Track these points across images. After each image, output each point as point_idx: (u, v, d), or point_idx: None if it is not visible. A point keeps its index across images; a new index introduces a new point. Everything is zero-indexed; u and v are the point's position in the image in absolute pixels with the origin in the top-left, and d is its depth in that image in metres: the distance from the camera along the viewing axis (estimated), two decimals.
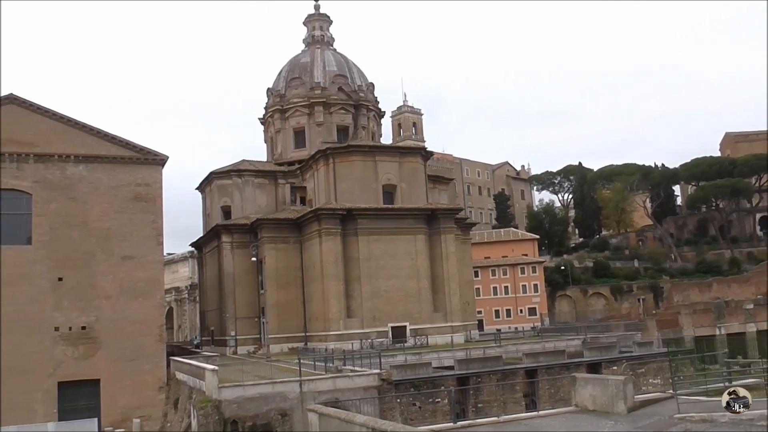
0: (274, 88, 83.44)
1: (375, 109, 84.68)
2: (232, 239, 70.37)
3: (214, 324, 75.25)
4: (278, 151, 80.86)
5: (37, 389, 52.33)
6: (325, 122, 78.60)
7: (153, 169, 58.67)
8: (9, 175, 54.29)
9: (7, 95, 55.28)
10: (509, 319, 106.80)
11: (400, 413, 36.31)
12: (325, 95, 79.34)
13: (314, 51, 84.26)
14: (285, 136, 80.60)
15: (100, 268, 55.43)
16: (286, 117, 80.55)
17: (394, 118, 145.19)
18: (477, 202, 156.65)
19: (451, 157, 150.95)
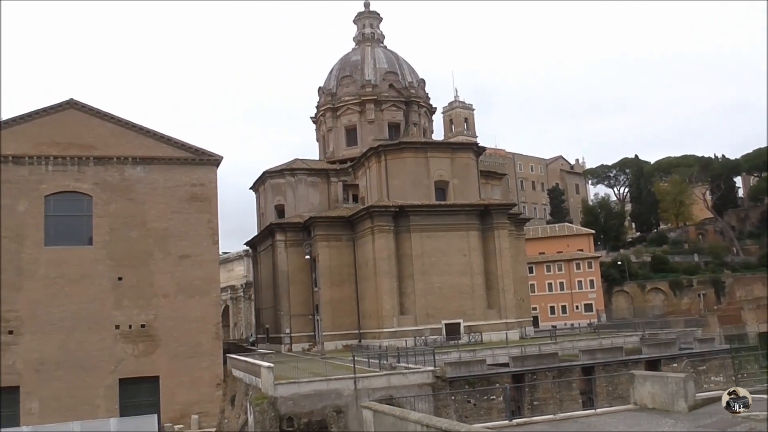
0: (326, 87, 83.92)
1: (426, 106, 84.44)
2: (286, 237, 71.02)
3: (269, 322, 76.10)
4: (330, 149, 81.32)
5: (99, 385, 53.79)
6: (377, 120, 78.72)
7: (208, 170, 59.67)
8: (70, 178, 55.88)
9: (67, 100, 56.88)
10: (565, 315, 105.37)
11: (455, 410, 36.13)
12: (376, 93, 79.44)
13: (364, 49, 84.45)
14: (337, 134, 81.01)
15: (158, 267, 56.64)
16: (337, 115, 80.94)
17: (445, 114, 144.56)
18: (531, 197, 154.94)
19: (504, 152, 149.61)
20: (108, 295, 55.38)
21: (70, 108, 56.94)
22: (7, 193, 54.23)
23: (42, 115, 56.12)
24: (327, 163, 78.82)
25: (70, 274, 54.75)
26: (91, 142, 56.78)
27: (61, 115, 56.50)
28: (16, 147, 54.75)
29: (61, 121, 56.37)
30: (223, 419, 47.72)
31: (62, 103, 56.79)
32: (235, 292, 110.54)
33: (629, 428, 21.37)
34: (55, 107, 56.47)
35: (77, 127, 56.73)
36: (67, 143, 56.07)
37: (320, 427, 32.02)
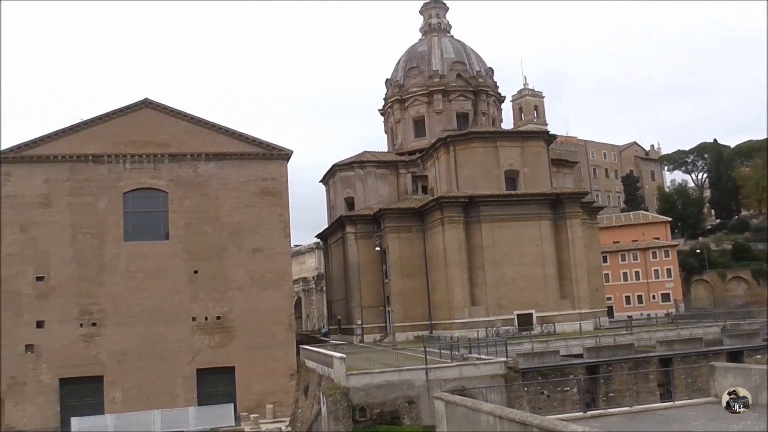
0: (393, 79, 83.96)
1: (494, 94, 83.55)
2: (356, 230, 71.51)
3: (341, 313, 76.87)
4: (398, 141, 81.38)
5: (178, 376, 55.46)
6: (445, 110, 78.32)
7: (279, 164, 60.57)
8: (147, 175, 57.63)
9: (142, 100, 58.62)
10: (641, 305, 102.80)
11: (528, 402, 35.73)
12: (443, 83, 79.03)
13: (431, 39, 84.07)
14: (405, 125, 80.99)
15: (232, 260, 57.91)
16: (405, 107, 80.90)
17: (514, 103, 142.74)
18: (604, 185, 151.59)
19: (575, 139, 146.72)
20: (185, 288, 56.98)
21: (145, 107, 58.69)
22: (88, 191, 56.36)
23: (119, 114, 58.02)
24: (395, 155, 78.91)
25: (148, 268, 56.56)
26: (165, 139, 58.41)
27: (136, 115, 58.29)
28: (95, 146, 56.80)
29: (136, 120, 58.16)
30: (297, 409, 48.47)
31: (137, 103, 58.57)
32: (307, 284, 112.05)
33: (709, 421, 20.69)
34: (131, 107, 58.29)
35: (152, 125, 58.44)
36: (143, 141, 57.83)
37: (392, 418, 32.15)
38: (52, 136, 56.67)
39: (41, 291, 54.92)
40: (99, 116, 57.75)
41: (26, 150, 56.01)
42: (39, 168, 55.97)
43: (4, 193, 55.30)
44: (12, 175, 55.58)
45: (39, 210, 55.58)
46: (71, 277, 55.36)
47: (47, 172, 56.07)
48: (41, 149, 56.17)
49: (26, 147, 56.06)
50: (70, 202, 56.13)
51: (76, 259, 55.63)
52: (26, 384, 53.78)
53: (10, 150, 55.69)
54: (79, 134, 57.09)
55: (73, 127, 57.15)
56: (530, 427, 20.23)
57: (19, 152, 55.86)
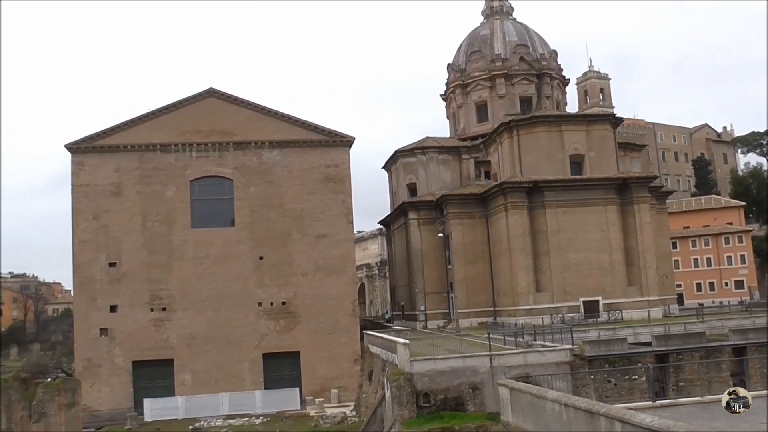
0: (455, 64, 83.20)
1: (558, 77, 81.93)
2: (419, 216, 71.32)
3: (404, 299, 76.97)
4: (461, 126, 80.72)
5: (245, 360, 56.63)
6: (507, 94, 77.22)
7: (341, 151, 60.94)
8: (213, 163, 58.78)
9: (207, 89, 59.69)
10: (713, 292, 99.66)
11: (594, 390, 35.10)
12: (506, 67, 77.89)
13: (493, 22, 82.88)
14: (467, 110, 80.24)
15: (296, 246, 58.66)
16: (467, 91, 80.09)
17: (579, 85, 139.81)
18: (673, 169, 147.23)
19: (643, 122, 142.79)
20: (250, 273, 58.02)
21: (210, 97, 59.77)
22: (156, 179, 57.83)
23: (185, 104, 59.25)
24: (458, 141, 78.27)
25: (215, 254, 57.79)
26: (230, 128, 59.40)
27: (201, 104, 59.44)
28: (162, 136, 58.17)
29: (202, 109, 59.31)
30: (361, 394, 48.83)
31: (202, 93, 59.68)
32: (370, 270, 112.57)
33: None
34: (196, 96, 59.45)
35: (217, 114, 59.50)
36: (209, 130, 58.96)
37: (456, 404, 32.03)
38: (122, 126, 58.30)
39: (114, 277, 56.75)
40: (166, 106, 59.09)
41: (98, 140, 57.78)
42: (110, 157, 57.68)
43: (78, 182, 57.23)
44: (85, 165, 57.44)
45: (110, 198, 57.33)
46: (142, 263, 57.01)
47: (118, 161, 57.75)
48: (112, 139, 57.86)
49: (97, 137, 57.83)
50: (139, 190, 57.72)
51: (146, 245, 57.24)
52: (101, 366, 55.78)
53: (83, 140, 57.53)
54: (148, 124, 58.57)
55: (141, 117, 58.67)
56: (597, 415, 19.89)
57: (91, 142, 57.66)
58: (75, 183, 57.39)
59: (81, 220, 57.06)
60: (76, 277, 57.22)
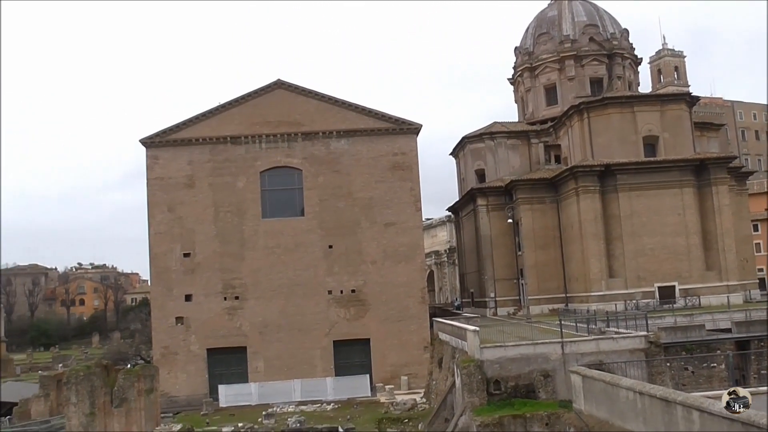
0: (522, 47, 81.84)
1: (630, 57, 79.63)
2: (488, 202, 70.64)
3: (474, 286, 76.52)
4: (529, 110, 79.46)
5: (316, 347, 57.41)
6: (577, 76, 75.51)
7: (408, 138, 60.90)
8: (282, 154, 59.58)
9: (275, 81, 60.46)
10: None
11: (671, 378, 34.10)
12: (575, 48, 76.14)
13: (561, 3, 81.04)
14: (535, 94, 78.89)
15: (365, 235, 59.01)
16: (535, 74, 78.72)
17: (652, 65, 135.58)
18: (754, 149, 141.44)
19: (721, 100, 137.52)
20: (320, 262, 58.69)
21: (278, 88, 60.54)
22: (227, 171, 59.03)
23: (253, 96, 60.18)
24: (526, 125, 77.09)
25: (285, 243, 58.68)
26: (298, 119, 60.05)
27: (270, 96, 60.27)
28: (232, 128, 59.28)
29: (270, 101, 60.14)
30: (431, 381, 48.84)
31: (271, 84, 60.48)
32: (439, 257, 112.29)
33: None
34: (265, 88, 60.29)
35: (285, 105, 60.24)
36: (277, 121, 59.76)
37: (527, 391, 31.69)
38: (193, 120, 59.63)
39: (188, 267, 58.28)
40: (235, 99, 60.14)
41: (171, 134, 59.29)
42: (183, 151, 59.12)
43: (152, 176, 58.90)
44: (159, 159, 59.06)
45: (184, 190, 58.82)
46: (215, 253, 58.36)
47: (190, 154, 59.15)
48: (184, 133, 59.28)
49: (170, 131, 59.35)
50: (211, 182, 59.02)
51: (219, 236, 58.55)
52: (178, 353, 57.47)
53: (156, 135, 59.12)
54: (218, 117, 59.77)
55: (212, 111, 59.88)
56: (673, 403, 19.35)
57: (165, 136, 59.20)
58: (150, 176, 59.08)
59: (156, 212, 58.76)
60: (152, 268, 59.04)
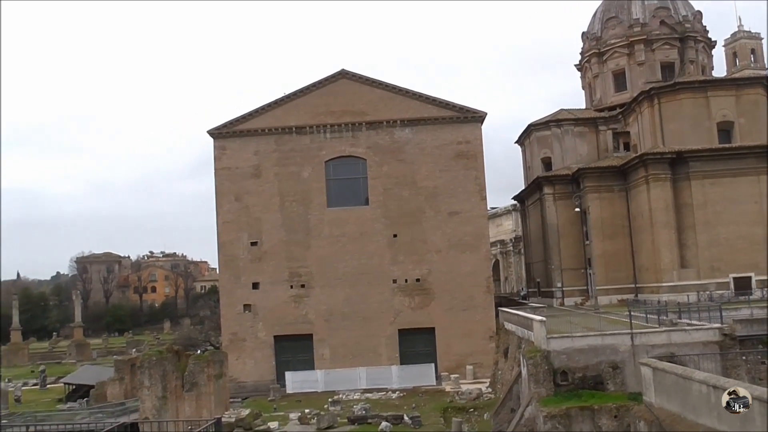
0: (589, 32, 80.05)
1: (704, 40, 76.97)
2: (554, 190, 69.56)
3: (540, 275, 75.57)
4: (597, 96, 77.74)
5: (381, 335, 57.69)
6: (647, 61, 73.43)
7: (473, 127, 60.45)
8: (346, 143, 59.90)
9: (339, 71, 60.78)
10: None
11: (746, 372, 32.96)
12: (645, 32, 74.02)
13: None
14: (603, 80, 77.11)
15: (429, 224, 58.91)
16: (603, 60, 76.91)
17: (727, 47, 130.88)
18: None
19: None
20: (385, 251, 58.87)
21: (342, 78, 60.81)
22: (293, 161, 59.73)
23: (318, 86, 60.62)
24: (594, 112, 75.46)
25: (350, 232, 59.06)
26: (362, 108, 60.21)
27: (334, 86, 60.60)
28: (297, 118, 59.88)
29: (334, 91, 60.48)
30: (497, 371, 48.51)
31: (335, 74, 60.79)
32: (504, 246, 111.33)
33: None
34: (329, 78, 60.64)
35: (349, 95, 60.48)
36: (342, 111, 60.05)
37: (595, 383, 31.13)
38: (259, 110, 60.49)
39: (255, 255, 59.30)
40: (300, 89, 60.69)
41: (237, 125, 60.31)
42: (249, 141, 60.06)
43: (220, 166, 60.07)
44: (226, 149, 60.16)
45: (251, 180, 59.80)
46: (281, 241, 59.20)
47: (256, 144, 60.05)
48: (250, 123, 60.20)
49: (237, 122, 60.36)
50: (277, 171, 59.81)
51: (285, 225, 59.34)
52: (245, 340, 58.63)
53: (224, 126, 60.22)
54: (283, 107, 60.45)
55: (277, 101, 60.61)
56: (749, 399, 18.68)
57: (232, 127, 60.25)
58: (218, 166, 60.25)
59: (224, 201, 59.91)
60: (220, 256, 60.30)
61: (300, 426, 42.55)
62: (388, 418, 40.94)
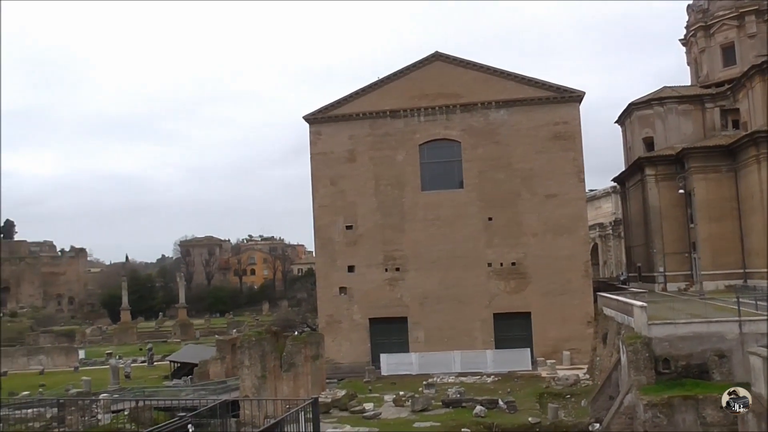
0: (695, 4, 76.34)
1: None
2: (656, 172, 67.02)
3: (641, 260, 73.20)
4: (703, 72, 74.17)
5: (476, 319, 57.37)
6: (758, 33, 69.35)
7: (570, 107, 58.92)
8: (440, 126, 59.57)
9: (433, 54, 60.41)
10: None
11: None
12: (757, 2, 69.97)
13: None
14: (710, 54, 73.47)
15: (525, 206, 57.96)
16: (710, 33, 73.22)
17: None
18: None
19: None
20: (480, 234, 58.36)
21: (436, 60, 60.37)
22: (387, 145, 59.90)
23: (411, 70, 60.42)
24: (700, 88, 72.05)
25: (445, 216, 58.82)
26: (456, 90, 59.65)
27: (427, 69, 60.23)
28: (391, 102, 59.92)
29: (428, 74, 60.12)
30: (595, 357, 47.43)
31: (428, 57, 60.41)
32: (603, 229, 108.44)
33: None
34: (423, 61, 60.33)
35: (443, 77, 60.00)
36: (435, 94, 59.67)
37: (700, 372, 29.94)
38: (353, 95, 60.89)
39: (350, 239, 59.98)
40: (394, 73, 60.67)
41: (332, 110, 60.97)
42: (344, 126, 60.62)
43: (315, 151, 60.96)
44: (321, 134, 60.96)
45: (345, 164, 60.40)
46: (376, 225, 59.61)
47: (351, 129, 60.54)
48: (345, 108, 60.73)
49: (332, 107, 61.02)
50: (371, 155, 60.14)
51: (380, 208, 59.70)
52: (341, 322, 59.54)
53: (319, 111, 61.01)
54: (377, 92, 60.61)
55: (371, 86, 60.82)
56: None
57: (327, 112, 60.96)
58: (313, 151, 61.15)
59: (320, 186, 60.81)
60: (317, 239, 61.33)
61: (395, 408, 42.87)
62: (482, 402, 40.70)
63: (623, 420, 30.60)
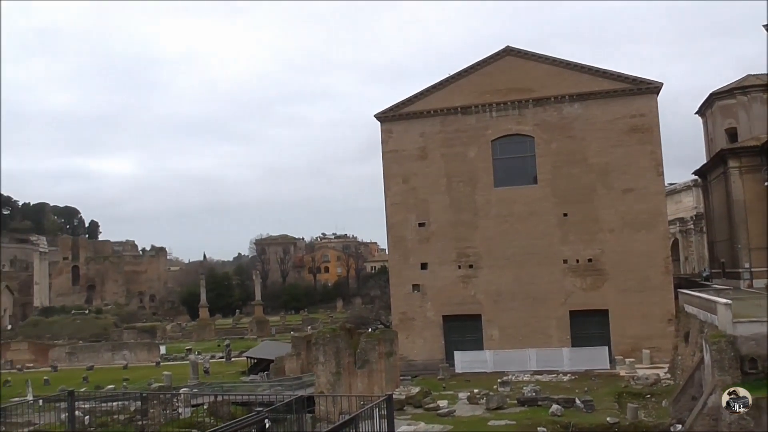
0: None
1: None
2: (740, 164, 64.44)
3: (724, 255, 70.57)
4: None
5: (551, 316, 56.49)
6: None
7: (647, 99, 57.38)
8: (512, 122, 58.89)
9: (504, 48, 59.79)
10: None
11: None
12: None
13: None
14: None
15: (601, 202, 56.74)
16: None
17: None
18: None
19: None
20: (554, 230, 57.42)
21: (507, 55, 59.69)
22: (458, 141, 59.59)
23: (482, 65, 59.93)
24: None
25: (518, 212, 58.13)
26: (528, 85, 58.83)
27: (498, 63, 59.62)
28: (462, 98, 59.57)
29: (499, 68, 59.51)
30: (677, 356, 45.96)
31: (499, 52, 59.79)
32: (684, 224, 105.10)
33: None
34: (493, 56, 59.74)
35: (514, 72, 59.27)
36: (507, 89, 58.99)
37: None
38: (424, 92, 60.81)
39: (423, 236, 59.94)
40: (464, 69, 60.30)
41: (403, 108, 61.04)
42: (415, 123, 60.61)
43: (387, 149, 61.15)
44: (393, 132, 61.11)
45: (417, 162, 60.38)
46: (448, 222, 59.39)
47: (422, 126, 60.49)
48: (415, 106, 60.72)
49: (402, 105, 61.10)
50: (443, 152, 59.94)
51: (452, 205, 59.44)
52: (415, 319, 59.57)
53: (390, 109, 61.18)
54: (448, 88, 60.35)
55: (442, 82, 60.61)
56: None
57: (397, 110, 61.07)
58: (385, 149, 61.35)
59: (392, 183, 60.97)
60: (389, 237, 61.53)
61: (469, 405, 42.58)
62: (559, 401, 39.98)
63: (707, 421, 29.52)
